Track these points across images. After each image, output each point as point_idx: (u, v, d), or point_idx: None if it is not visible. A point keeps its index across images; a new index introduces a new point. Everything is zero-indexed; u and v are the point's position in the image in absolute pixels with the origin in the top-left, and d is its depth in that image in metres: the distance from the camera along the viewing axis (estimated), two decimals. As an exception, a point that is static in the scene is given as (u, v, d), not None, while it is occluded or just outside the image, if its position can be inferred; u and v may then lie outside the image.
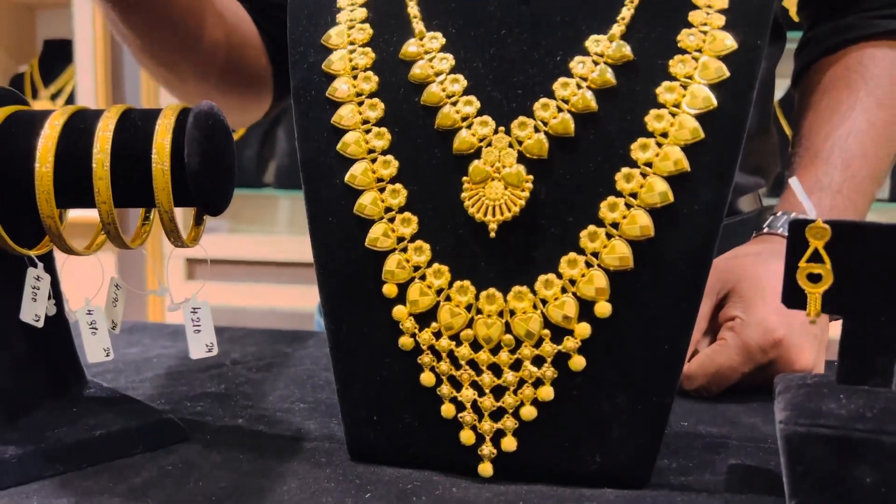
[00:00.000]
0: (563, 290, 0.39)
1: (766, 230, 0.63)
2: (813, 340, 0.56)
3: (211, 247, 0.46)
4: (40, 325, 0.44)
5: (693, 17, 0.40)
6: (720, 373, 0.54)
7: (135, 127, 0.42)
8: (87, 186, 0.41)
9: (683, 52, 0.40)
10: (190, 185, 0.41)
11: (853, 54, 0.67)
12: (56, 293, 0.47)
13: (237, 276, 2.03)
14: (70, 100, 2.07)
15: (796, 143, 0.67)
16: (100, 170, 0.40)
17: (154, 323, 0.78)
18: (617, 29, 0.40)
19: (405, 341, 0.41)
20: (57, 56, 2.10)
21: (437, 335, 0.41)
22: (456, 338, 0.40)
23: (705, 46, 0.39)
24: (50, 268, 0.46)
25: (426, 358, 0.41)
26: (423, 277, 0.41)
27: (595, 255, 0.39)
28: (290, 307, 1.97)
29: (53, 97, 2.09)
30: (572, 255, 0.39)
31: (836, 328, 0.53)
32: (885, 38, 0.66)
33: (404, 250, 0.41)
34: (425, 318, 0.41)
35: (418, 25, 0.43)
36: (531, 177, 0.40)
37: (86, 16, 1.97)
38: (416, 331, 0.41)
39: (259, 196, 2.09)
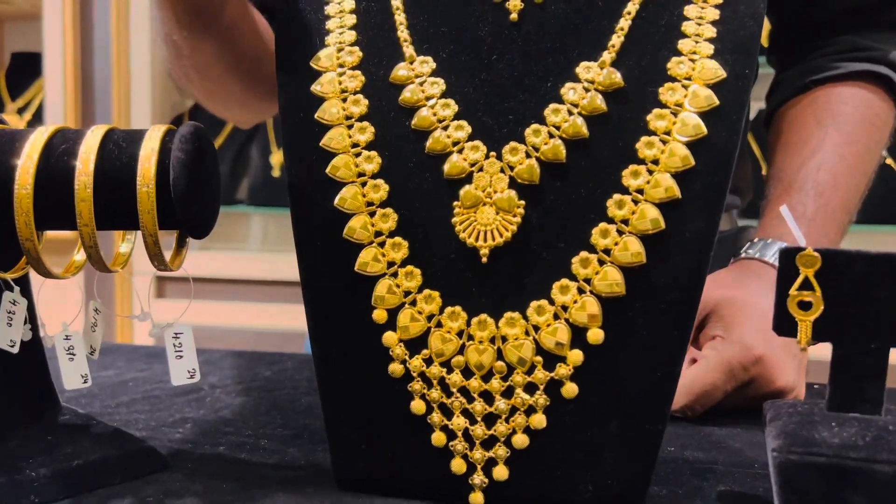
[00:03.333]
0: (556, 317, 0.39)
1: (743, 255, 0.64)
2: (793, 360, 0.57)
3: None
4: (15, 350, 0.43)
5: (682, 45, 0.40)
6: (703, 391, 0.54)
7: (119, 148, 0.41)
8: (69, 209, 0.40)
9: (673, 79, 0.40)
10: (176, 209, 0.40)
11: (821, 94, 0.69)
12: (32, 317, 0.46)
13: (208, 294, 1.99)
14: (37, 113, 2.03)
15: (770, 176, 0.69)
16: (83, 192, 0.39)
17: (128, 345, 0.77)
18: (607, 56, 0.41)
19: (395, 368, 0.40)
20: (25, 69, 2.06)
21: (428, 362, 0.40)
22: (447, 364, 0.40)
23: (695, 75, 0.40)
24: (26, 291, 0.45)
25: (417, 385, 0.40)
26: (413, 303, 0.40)
27: (587, 281, 0.39)
28: (262, 325, 1.95)
29: (20, 111, 2.05)
30: (564, 281, 0.39)
31: (816, 350, 0.54)
32: (851, 79, 0.69)
33: (394, 275, 0.41)
34: (416, 345, 0.40)
35: (408, 49, 0.43)
36: (523, 202, 0.40)
37: (56, 29, 1.94)
38: (407, 357, 0.40)
39: (231, 213, 2.06)
